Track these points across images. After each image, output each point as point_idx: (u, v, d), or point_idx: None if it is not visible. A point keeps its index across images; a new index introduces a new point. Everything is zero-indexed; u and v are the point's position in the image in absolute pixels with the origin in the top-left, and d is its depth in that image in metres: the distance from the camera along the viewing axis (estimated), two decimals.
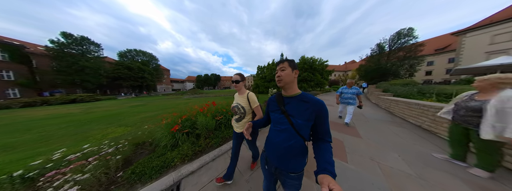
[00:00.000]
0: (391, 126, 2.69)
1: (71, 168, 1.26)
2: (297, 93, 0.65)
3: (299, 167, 0.63)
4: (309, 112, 0.59)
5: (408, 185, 1.15)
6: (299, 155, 0.63)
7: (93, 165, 1.28)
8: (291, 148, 0.62)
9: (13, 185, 1.16)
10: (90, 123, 4.01)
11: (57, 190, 1.04)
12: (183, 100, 11.26)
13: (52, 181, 1.14)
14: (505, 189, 1.09)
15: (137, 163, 1.54)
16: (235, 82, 1.12)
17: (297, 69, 0.65)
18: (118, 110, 6.50)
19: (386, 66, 16.74)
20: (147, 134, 2.17)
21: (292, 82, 0.64)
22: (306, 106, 0.60)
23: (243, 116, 1.12)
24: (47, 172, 1.24)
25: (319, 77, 12.26)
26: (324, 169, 0.49)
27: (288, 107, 0.64)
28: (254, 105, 1.09)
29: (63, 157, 1.49)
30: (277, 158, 0.65)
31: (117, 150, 1.64)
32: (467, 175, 1.23)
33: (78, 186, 1.05)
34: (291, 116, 0.62)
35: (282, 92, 0.69)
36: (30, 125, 3.93)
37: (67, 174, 1.16)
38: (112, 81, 22.89)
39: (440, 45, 20.19)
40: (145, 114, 5.06)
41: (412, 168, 1.35)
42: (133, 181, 1.30)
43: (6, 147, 2.33)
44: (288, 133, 0.62)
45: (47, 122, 4.26)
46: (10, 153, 2.12)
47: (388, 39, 17.87)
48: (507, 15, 12.59)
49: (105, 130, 3.10)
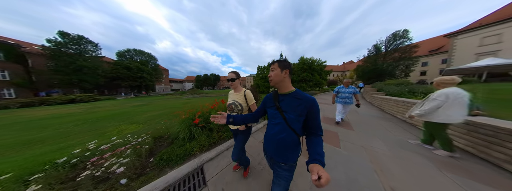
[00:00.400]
0: (381, 121, 3.02)
1: (110, 154, 1.50)
2: (291, 91, 0.70)
3: (290, 159, 0.68)
4: (301, 108, 0.64)
5: (387, 162, 1.48)
6: (290, 147, 0.68)
7: (129, 152, 1.52)
8: (283, 140, 0.67)
9: (64, 169, 1.39)
10: (100, 121, 4.19)
11: (108, 170, 1.28)
12: (184, 100, 11.43)
13: (98, 164, 1.38)
14: (456, 164, 1.44)
15: (161, 152, 1.78)
16: (231, 80, 1.13)
17: (289, 68, 0.68)
18: (121, 109, 6.65)
19: (383, 67, 17.32)
20: (164, 129, 2.40)
21: (282, 81, 0.68)
22: (298, 103, 0.65)
23: (241, 114, 1.14)
24: (91, 158, 1.48)
25: (318, 77, 12.60)
26: (314, 159, 0.56)
27: (282, 104, 0.70)
28: (251, 102, 1.12)
29: (97, 147, 1.73)
30: (271, 149, 0.72)
31: (143, 141, 1.88)
32: (432, 154, 1.59)
33: (124, 167, 1.30)
34: (285, 111, 0.67)
35: (277, 90, 0.75)
36: (40, 124, 4.08)
37: (108, 160, 1.40)
38: (111, 81, 22.70)
39: (434, 46, 20.93)
40: (151, 113, 5.25)
41: (391, 151, 1.69)
42: (162, 165, 1.54)
43: (34, 142, 2.53)
44: (281, 127, 0.68)
45: (55, 121, 4.41)
46: (40, 146, 2.32)
47: (385, 40, 18.38)
48: (494, 18, 13.24)
49: (118, 127, 3.31)
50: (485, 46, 13.35)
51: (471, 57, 13.93)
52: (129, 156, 1.45)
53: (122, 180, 1.21)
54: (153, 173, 1.39)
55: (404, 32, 16.83)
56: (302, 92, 0.68)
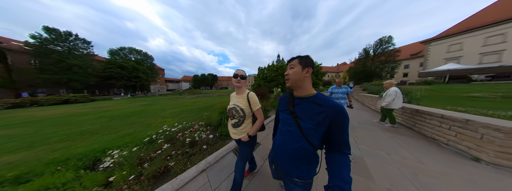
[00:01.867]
0: (360, 111, 4.15)
1: (189, 131, 2.07)
2: (311, 94, 0.58)
3: (305, 174, 0.57)
4: (322, 117, 0.52)
5: (358, 130, 2.46)
6: (306, 161, 0.57)
7: (199, 131, 2.09)
8: (297, 151, 0.57)
9: (158, 141, 1.89)
10: (128, 117, 4.44)
11: (193, 139, 1.86)
12: (189, 99, 11.58)
13: (185, 137, 1.93)
14: (393, 129, 2.48)
15: (219, 131, 2.27)
16: (241, 77, 0.90)
17: (312, 67, 0.57)
18: (132, 109, 6.73)
19: (371, 69, 19.22)
20: (206, 119, 2.89)
21: (302, 81, 0.57)
22: (319, 110, 0.53)
23: (243, 120, 0.95)
24: (175, 135, 2.03)
25: (314, 78, 13.62)
26: (336, 187, 0.46)
27: (297, 108, 0.59)
28: (255, 107, 0.93)
29: (170, 129, 2.21)
30: (282, 160, 0.62)
31: (201, 126, 2.39)
32: (383, 126, 2.67)
33: (200, 138, 1.89)
34: (299, 118, 0.57)
35: (293, 91, 0.63)
36: (68, 121, 4.21)
37: (188, 136, 1.96)
38: (103, 81, 21.59)
39: (414, 50, 23.53)
40: (170, 111, 5.54)
41: (361, 125, 2.80)
42: (222, 139, 2.11)
43: (88, 133, 2.85)
44: (294, 136, 0.57)
45: (77, 119, 4.52)
46: (98, 136, 2.63)
47: (373, 44, 20.36)
48: (457, 29, 15.61)
49: (156, 120, 3.67)
50: (451, 52, 15.79)
51: (441, 62, 16.30)
52: (201, 132, 2.07)
53: (204, 146, 1.77)
54: (220, 143, 1.98)
55: (389, 38, 18.91)
56: (325, 97, 0.56)
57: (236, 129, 0.96)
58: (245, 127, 0.95)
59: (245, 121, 0.95)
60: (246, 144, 0.97)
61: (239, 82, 0.90)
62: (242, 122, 0.94)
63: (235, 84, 0.92)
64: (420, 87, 6.68)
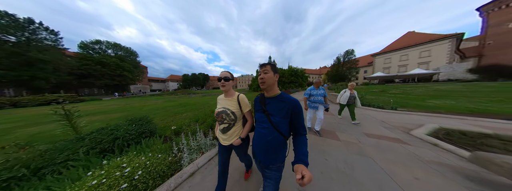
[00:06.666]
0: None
1: None
2: (277, 94, 0.73)
3: (278, 160, 0.72)
4: (286, 111, 0.67)
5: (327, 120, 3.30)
6: (277, 149, 0.71)
7: None
8: (270, 142, 0.70)
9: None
10: (173, 108, 5.76)
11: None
12: (200, 97, 12.49)
13: None
14: (340, 117, 3.45)
15: None
16: (224, 80, 0.84)
17: (278, 73, 0.72)
18: (158, 105, 7.57)
19: (342, 73, 26.33)
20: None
21: (274, 84, 0.71)
22: (283, 105, 0.68)
23: (233, 124, 0.90)
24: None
25: (300, 80, 17.09)
26: (299, 160, 0.60)
27: (268, 107, 0.72)
28: (246, 109, 0.89)
29: None
30: (260, 152, 0.74)
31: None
32: (337, 118, 3.46)
33: None
34: (271, 115, 0.70)
35: (264, 93, 0.76)
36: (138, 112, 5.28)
37: None
38: (78, 79, 18.94)
39: (370, 60, 31.28)
40: (213, 101, 7.07)
41: (329, 118, 3.52)
42: None
43: (171, 115, 4.29)
44: (268, 130, 0.70)
45: (127, 113, 5.57)
46: (182, 115, 4.23)
47: (343, 54, 27.37)
48: (388, 49, 23.76)
49: (204, 110, 5.24)
50: (386, 64, 24.23)
51: (381, 70, 24.60)
52: None
53: None
54: None
55: (351, 50, 26.62)
56: (286, 95, 0.72)
57: (226, 134, 0.91)
58: (236, 131, 0.91)
59: (236, 124, 0.90)
60: (239, 148, 0.96)
61: (224, 85, 0.85)
62: (233, 125, 0.90)
63: (221, 88, 0.88)
64: (361, 87, 11.10)
